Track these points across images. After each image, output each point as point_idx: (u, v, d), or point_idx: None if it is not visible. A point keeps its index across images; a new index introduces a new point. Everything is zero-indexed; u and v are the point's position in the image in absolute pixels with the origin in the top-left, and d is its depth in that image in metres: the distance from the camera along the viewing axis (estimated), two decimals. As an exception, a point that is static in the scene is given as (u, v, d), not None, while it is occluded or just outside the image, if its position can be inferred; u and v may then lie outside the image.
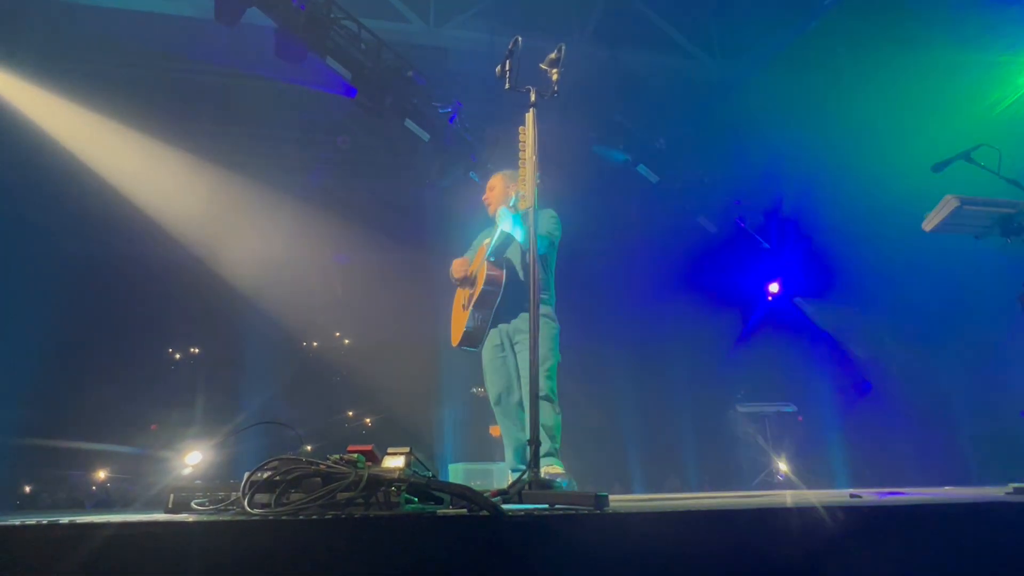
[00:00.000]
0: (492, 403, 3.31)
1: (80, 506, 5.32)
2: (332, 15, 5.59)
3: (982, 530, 1.44)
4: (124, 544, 1.12)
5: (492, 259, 3.26)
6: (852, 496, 2.37)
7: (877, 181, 6.44)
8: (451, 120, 5.95)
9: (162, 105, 6.26)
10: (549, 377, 3.11)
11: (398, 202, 7.34)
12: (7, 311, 5.95)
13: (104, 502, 5.47)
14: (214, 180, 6.61)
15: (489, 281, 3.21)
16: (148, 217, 6.50)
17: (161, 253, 6.69)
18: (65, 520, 1.24)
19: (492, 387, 3.31)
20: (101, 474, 5.76)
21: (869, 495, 2.38)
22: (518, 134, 2.38)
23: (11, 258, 6.05)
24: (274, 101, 6.69)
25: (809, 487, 5.86)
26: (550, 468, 2.89)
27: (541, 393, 2.92)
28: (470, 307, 3.31)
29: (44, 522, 1.19)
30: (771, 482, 6.52)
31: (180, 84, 6.42)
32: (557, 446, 3.04)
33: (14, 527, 1.13)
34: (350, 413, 7.72)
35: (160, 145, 6.34)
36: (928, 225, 2.80)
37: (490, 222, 3.61)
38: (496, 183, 3.53)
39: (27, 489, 5.33)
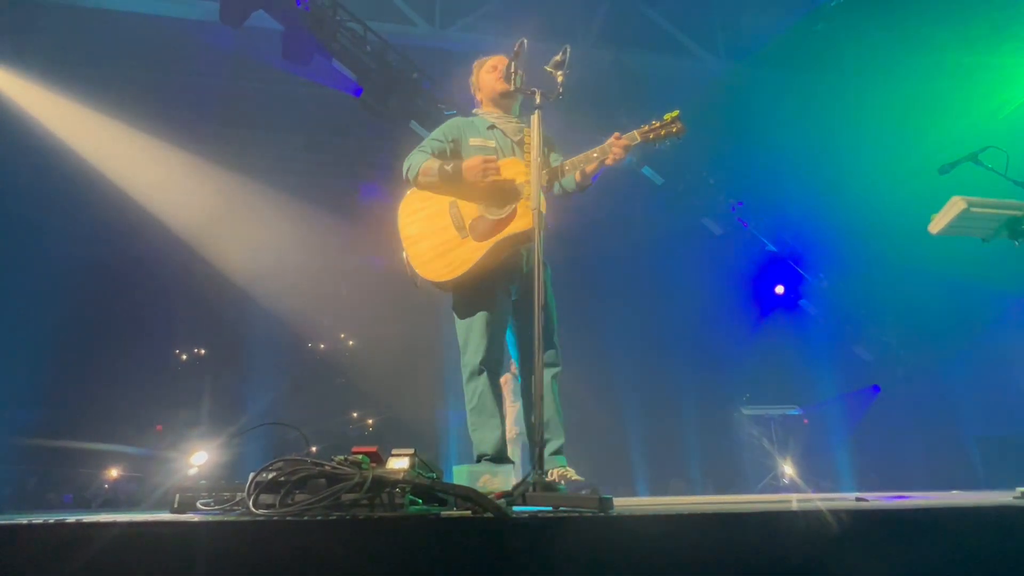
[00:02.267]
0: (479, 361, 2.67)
1: (87, 506, 5.34)
2: (338, 17, 5.62)
3: (990, 535, 1.43)
4: (130, 544, 1.12)
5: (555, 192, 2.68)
6: (858, 500, 2.36)
7: (883, 182, 6.42)
8: None
9: (169, 108, 6.30)
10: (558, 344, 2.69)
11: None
12: (18, 312, 5.99)
13: (111, 502, 5.50)
14: (220, 182, 6.65)
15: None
16: (156, 219, 6.54)
17: (168, 255, 6.73)
18: (72, 519, 1.24)
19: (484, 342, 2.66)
20: (114, 472, 5.79)
21: (875, 499, 2.37)
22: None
23: (21, 260, 6.09)
24: (281, 104, 6.72)
25: (814, 491, 5.84)
26: (567, 471, 2.54)
27: (556, 369, 2.64)
28: (491, 241, 2.55)
29: (51, 521, 1.19)
30: (776, 485, 6.49)
31: (187, 87, 6.47)
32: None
33: (21, 526, 1.14)
34: (355, 414, 7.73)
35: (168, 148, 6.38)
36: (935, 227, 2.78)
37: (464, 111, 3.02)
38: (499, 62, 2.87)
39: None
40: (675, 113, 2.53)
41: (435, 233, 2.67)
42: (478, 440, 2.66)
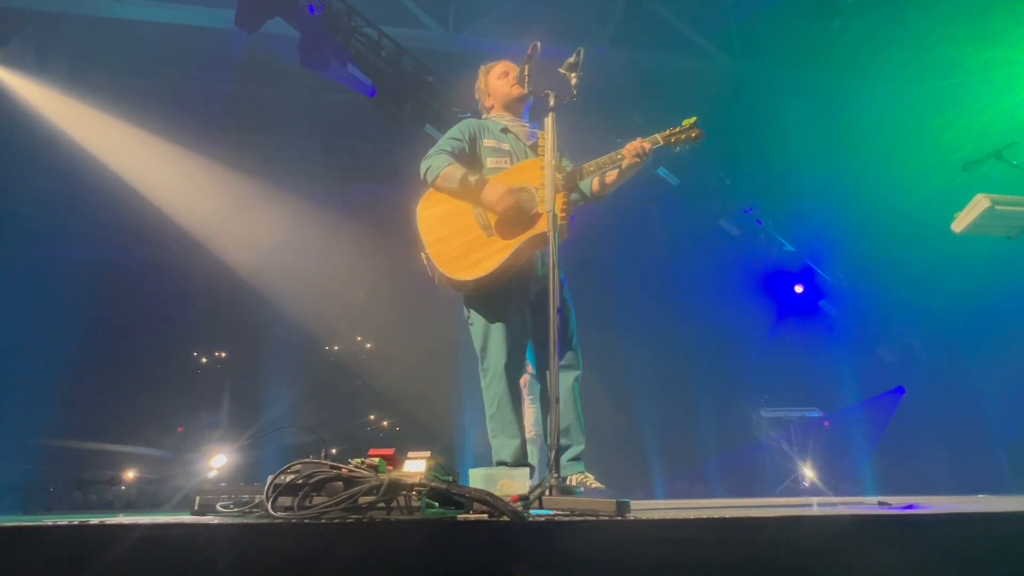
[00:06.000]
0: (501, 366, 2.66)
1: (109, 507, 5.43)
2: (353, 23, 5.66)
3: (1018, 541, 1.40)
4: (151, 545, 1.14)
5: (576, 196, 2.76)
6: (881, 504, 2.32)
7: (904, 180, 6.31)
8: None
9: (188, 114, 6.40)
10: (578, 346, 2.74)
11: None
12: (41, 316, 6.11)
13: (133, 503, 5.59)
14: (239, 187, 6.74)
15: (564, 229, 2.51)
16: (175, 224, 6.64)
17: (187, 259, 6.83)
18: (95, 521, 1.26)
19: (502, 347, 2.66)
20: (130, 474, 5.89)
21: (899, 503, 2.33)
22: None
23: (45, 265, 6.22)
24: (297, 109, 6.79)
25: (836, 494, 5.75)
26: (586, 477, 2.53)
27: (577, 372, 2.67)
28: (519, 240, 2.55)
29: (75, 522, 1.21)
30: (796, 489, 6.41)
31: (205, 93, 6.56)
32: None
33: (45, 527, 1.16)
34: (371, 417, 7.78)
35: (188, 153, 6.48)
36: (958, 226, 2.73)
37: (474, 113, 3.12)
38: (508, 68, 2.98)
39: (51, 489, 5.46)
40: (693, 120, 2.58)
41: (460, 233, 2.63)
42: (497, 447, 2.65)
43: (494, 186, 2.57)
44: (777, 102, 6.67)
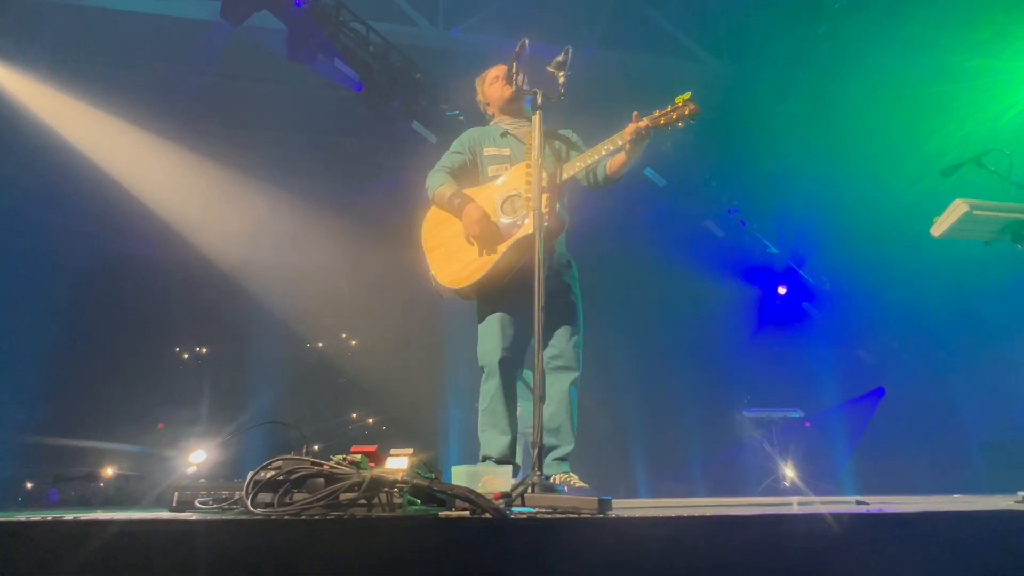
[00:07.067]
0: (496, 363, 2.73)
1: (87, 504, 5.34)
2: (341, 18, 5.62)
3: (991, 539, 1.43)
4: (128, 542, 1.12)
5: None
6: (859, 503, 2.35)
7: (886, 185, 6.40)
8: None
9: (172, 106, 6.31)
10: (579, 348, 2.79)
11: (405, 203, 7.33)
12: (18, 310, 6.00)
13: (110, 500, 5.50)
14: (223, 181, 6.66)
15: (554, 229, 2.63)
16: (157, 217, 6.55)
17: (170, 253, 6.74)
18: (70, 517, 1.24)
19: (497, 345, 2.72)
20: (109, 471, 5.79)
21: (877, 503, 2.36)
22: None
23: (22, 257, 6.10)
24: (283, 104, 6.72)
25: (815, 494, 5.82)
26: (570, 477, 2.57)
27: (575, 375, 2.75)
28: (505, 244, 2.61)
29: (49, 518, 1.19)
30: (777, 488, 6.47)
31: (189, 85, 6.47)
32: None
33: (20, 523, 1.14)
34: (354, 415, 7.73)
35: (169, 146, 6.39)
36: (937, 230, 2.77)
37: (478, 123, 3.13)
38: (499, 72, 2.98)
39: (28, 485, 5.36)
40: (686, 95, 2.58)
41: (452, 240, 2.72)
42: (485, 441, 2.69)
43: (471, 211, 2.62)
44: (764, 105, 6.72)
